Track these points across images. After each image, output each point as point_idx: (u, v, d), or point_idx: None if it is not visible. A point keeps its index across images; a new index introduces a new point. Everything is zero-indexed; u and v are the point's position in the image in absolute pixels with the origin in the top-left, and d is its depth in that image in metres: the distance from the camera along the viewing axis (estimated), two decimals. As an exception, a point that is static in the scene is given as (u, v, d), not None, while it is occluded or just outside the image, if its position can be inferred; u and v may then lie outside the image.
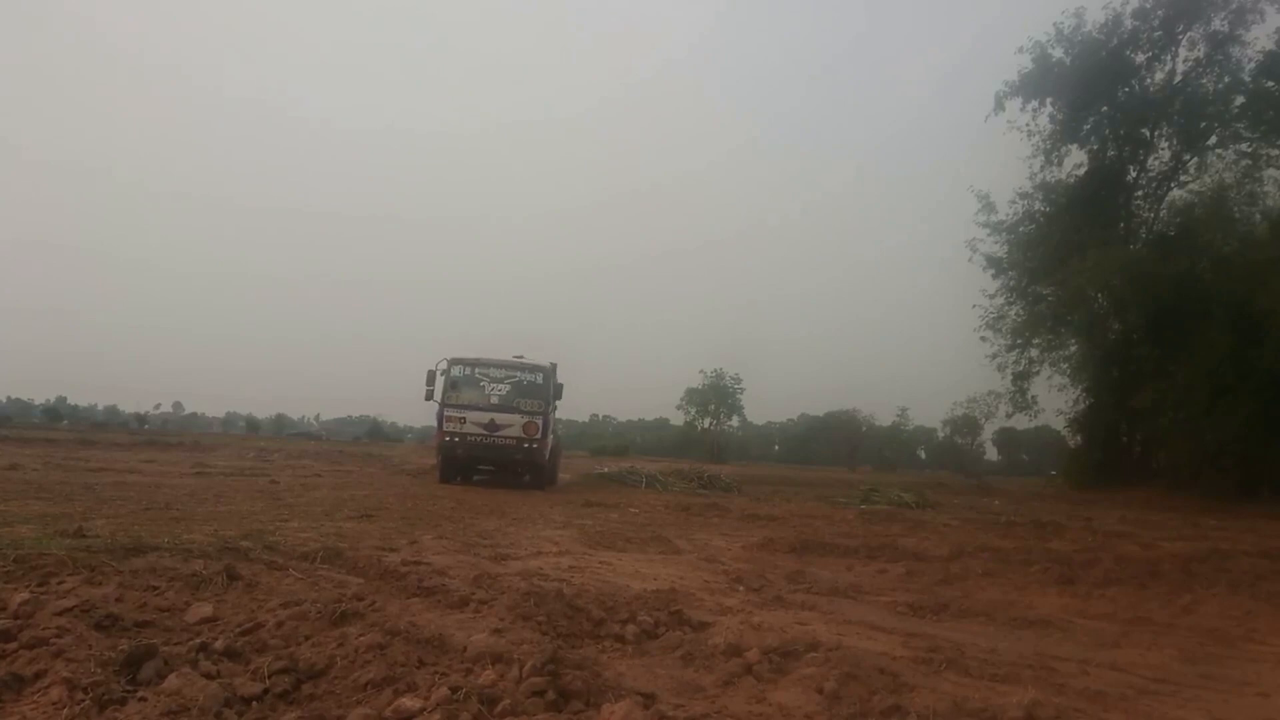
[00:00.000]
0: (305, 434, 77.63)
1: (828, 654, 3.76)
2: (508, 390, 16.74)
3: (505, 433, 16.21)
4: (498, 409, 16.44)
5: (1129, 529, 12.54)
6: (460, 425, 16.20)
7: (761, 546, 8.71)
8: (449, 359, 16.65)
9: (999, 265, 28.92)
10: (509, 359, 17.09)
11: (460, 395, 16.50)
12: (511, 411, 16.43)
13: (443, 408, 16.24)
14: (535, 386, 16.85)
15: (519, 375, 16.89)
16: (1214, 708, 3.79)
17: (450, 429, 16.21)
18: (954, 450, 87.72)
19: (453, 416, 16.21)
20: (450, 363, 16.62)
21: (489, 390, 16.73)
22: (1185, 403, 23.06)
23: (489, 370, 16.88)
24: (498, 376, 16.85)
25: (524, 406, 16.53)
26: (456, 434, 16.19)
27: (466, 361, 16.86)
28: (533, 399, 16.67)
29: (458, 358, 16.76)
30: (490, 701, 2.92)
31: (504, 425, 16.24)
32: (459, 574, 5.61)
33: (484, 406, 16.43)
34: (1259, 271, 20.45)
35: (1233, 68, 25.81)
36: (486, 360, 17.00)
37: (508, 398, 16.66)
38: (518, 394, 16.71)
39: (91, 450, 22.74)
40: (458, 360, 16.76)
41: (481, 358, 17.01)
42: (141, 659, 3.09)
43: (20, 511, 7.84)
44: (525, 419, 16.33)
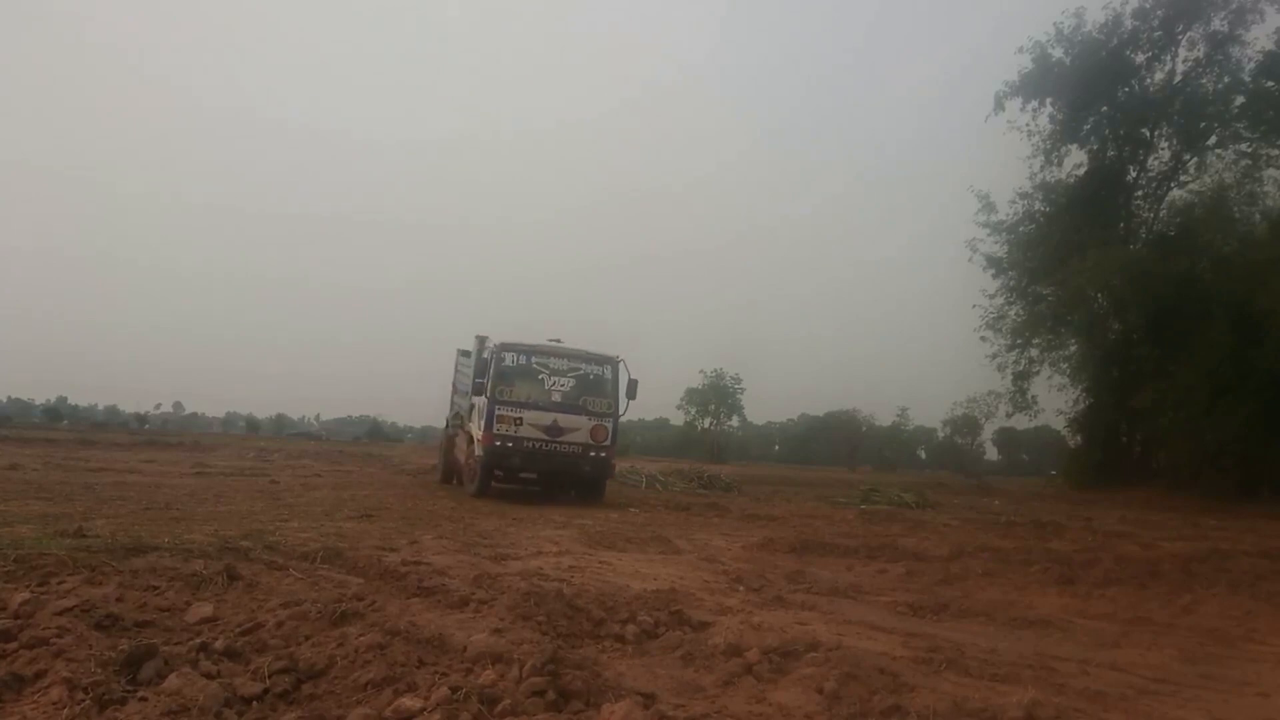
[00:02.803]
0: (305, 434, 77.64)
1: (828, 654, 3.76)
2: (572, 386, 13.83)
3: (569, 438, 13.36)
4: (561, 408, 13.56)
5: (1129, 529, 12.54)
6: (515, 427, 13.15)
7: (761, 546, 8.71)
8: (498, 343, 13.77)
9: (999, 265, 28.92)
10: (573, 347, 14.24)
11: (514, 389, 13.44)
12: (577, 412, 13.56)
13: (492, 404, 13.15)
14: (603, 382, 14.02)
15: (585, 368, 14.02)
16: (1214, 708, 3.79)
17: (502, 431, 13.08)
18: (954, 450, 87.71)
19: (506, 415, 13.12)
20: (500, 348, 13.64)
21: (550, 385, 13.75)
22: (1185, 403, 23.05)
23: (549, 360, 13.87)
24: (560, 368, 13.87)
25: (591, 407, 13.70)
26: (509, 437, 13.10)
27: (521, 348, 13.85)
28: (600, 398, 13.88)
29: (509, 343, 13.81)
30: (490, 701, 2.92)
31: (568, 429, 13.36)
32: (459, 574, 5.61)
33: (545, 405, 13.48)
34: (1259, 271, 20.45)
35: (1233, 68, 25.84)
36: (546, 348, 14.04)
37: (572, 395, 13.76)
38: (583, 391, 13.85)
39: (91, 450, 22.74)
40: (509, 346, 13.76)
41: (540, 344, 14.10)
42: (142, 659, 3.09)
43: (20, 511, 7.85)
44: (593, 422, 13.54)
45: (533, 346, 13.93)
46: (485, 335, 14.82)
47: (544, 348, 13.99)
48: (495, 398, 13.21)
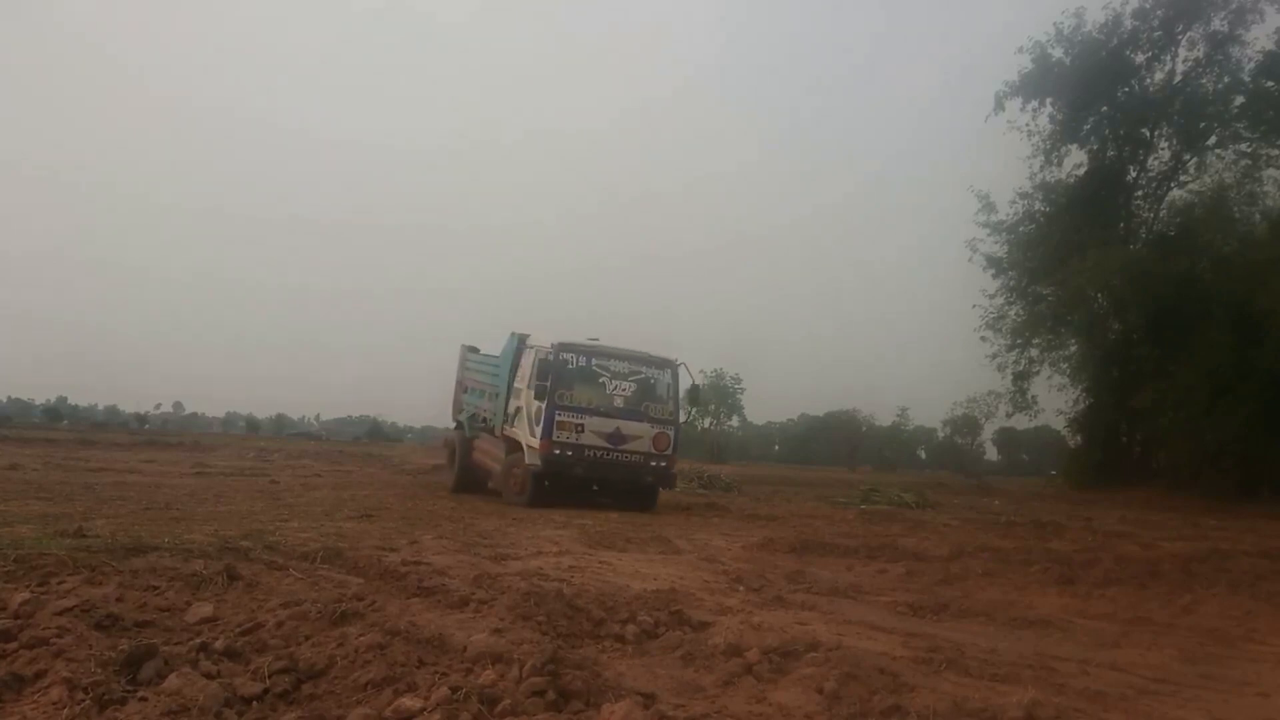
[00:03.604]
0: (305, 434, 77.57)
1: (828, 654, 3.76)
2: (633, 391, 13.12)
3: (631, 446, 12.71)
4: (623, 415, 12.84)
5: (1129, 529, 12.54)
6: (576, 434, 12.40)
7: (761, 546, 8.71)
8: (556, 343, 12.85)
9: (999, 265, 28.91)
10: (632, 349, 13.52)
11: (574, 394, 12.67)
12: (639, 419, 12.88)
13: (552, 409, 12.33)
14: (663, 386, 13.40)
15: (645, 371, 13.31)
16: (1214, 708, 3.79)
17: (562, 438, 12.32)
18: (954, 450, 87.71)
19: (567, 422, 12.36)
20: (559, 349, 12.75)
21: (612, 390, 13.01)
22: (1185, 403, 23.05)
23: (609, 363, 13.09)
24: (621, 371, 13.12)
25: (653, 413, 13.06)
26: (569, 445, 12.33)
27: (579, 349, 12.98)
28: (661, 403, 13.24)
29: (568, 343, 12.93)
30: (490, 701, 2.92)
31: (630, 437, 12.69)
32: (459, 574, 5.61)
33: (607, 411, 12.74)
34: (1259, 271, 20.45)
35: (1233, 68, 25.84)
36: (606, 349, 13.24)
37: (634, 400, 13.06)
38: (644, 396, 13.18)
39: (91, 450, 22.74)
40: (567, 346, 12.88)
41: (600, 345, 13.28)
42: (142, 659, 3.09)
43: (20, 511, 7.85)
44: (656, 430, 12.90)
45: (592, 348, 13.16)
46: (525, 334, 13.98)
47: (604, 349, 13.25)
48: (556, 402, 12.39)
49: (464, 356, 16.49)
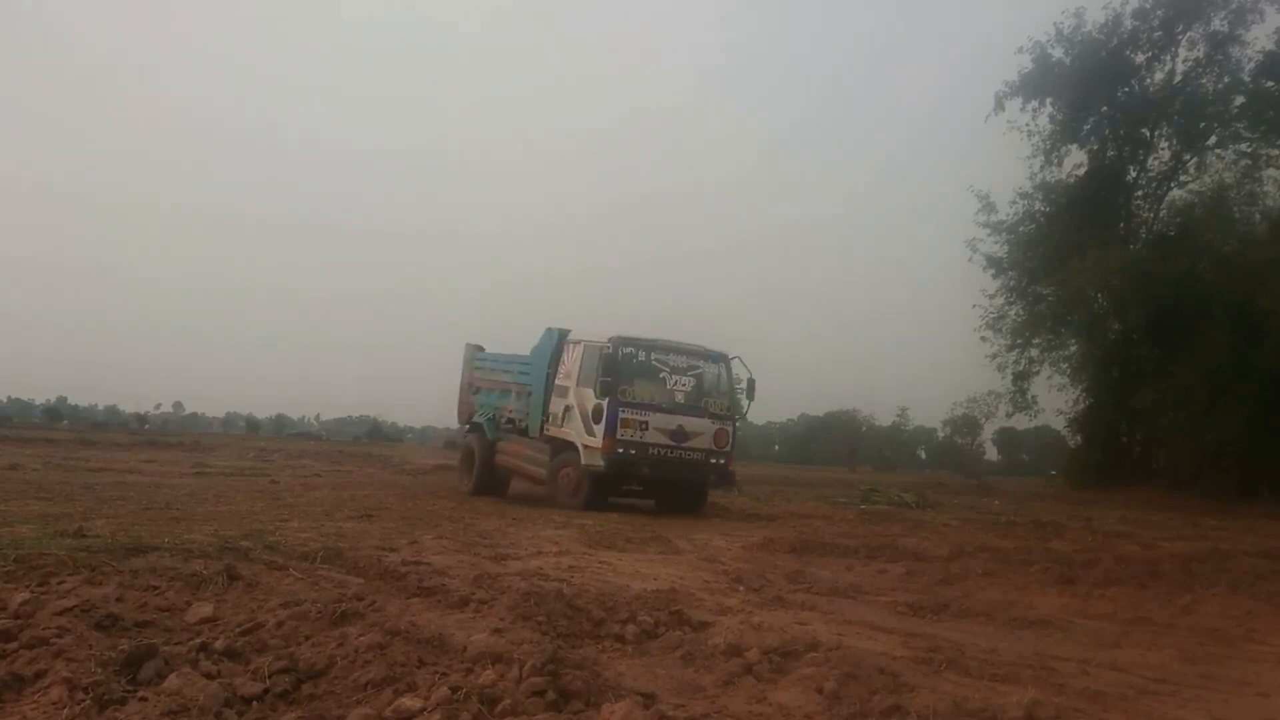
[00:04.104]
0: (305, 434, 77.59)
1: (828, 654, 3.76)
2: (693, 385, 12.75)
3: (694, 444, 12.31)
4: (685, 411, 12.45)
5: (1129, 529, 12.54)
6: (640, 432, 11.93)
7: (761, 546, 8.71)
8: (614, 337, 12.27)
9: (999, 265, 28.90)
10: (687, 343, 13.09)
11: (636, 390, 12.17)
12: (700, 415, 12.52)
13: (615, 406, 11.82)
14: (719, 381, 13.03)
15: (703, 366, 12.95)
16: (1214, 708, 3.79)
17: (627, 436, 11.84)
18: (954, 450, 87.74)
19: (631, 419, 11.87)
20: (615, 343, 12.20)
21: (673, 385, 12.60)
22: (1185, 403, 23.05)
23: (668, 357, 12.69)
24: (680, 366, 12.72)
25: (712, 408, 12.71)
26: (633, 443, 11.85)
27: (639, 343, 12.52)
28: (719, 398, 12.90)
29: (625, 337, 12.40)
30: (490, 701, 2.93)
31: (693, 434, 12.29)
32: (459, 574, 5.61)
33: (670, 407, 12.33)
34: (1259, 271, 20.45)
35: (1233, 68, 25.84)
36: (665, 343, 12.81)
37: (693, 396, 12.70)
38: (703, 391, 12.83)
39: (91, 450, 22.74)
40: (626, 340, 12.36)
41: (658, 339, 12.83)
42: (142, 659, 3.09)
43: (20, 511, 7.85)
44: (716, 426, 12.53)
45: (651, 341, 12.70)
46: (565, 329, 13.44)
47: (661, 343, 12.82)
48: (619, 399, 11.89)
49: (471, 356, 15.84)
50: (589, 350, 12.52)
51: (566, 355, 12.97)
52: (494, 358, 15.45)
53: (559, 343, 13.27)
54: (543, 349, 13.56)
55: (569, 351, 12.96)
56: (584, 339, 12.84)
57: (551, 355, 13.25)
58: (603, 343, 12.29)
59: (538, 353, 13.68)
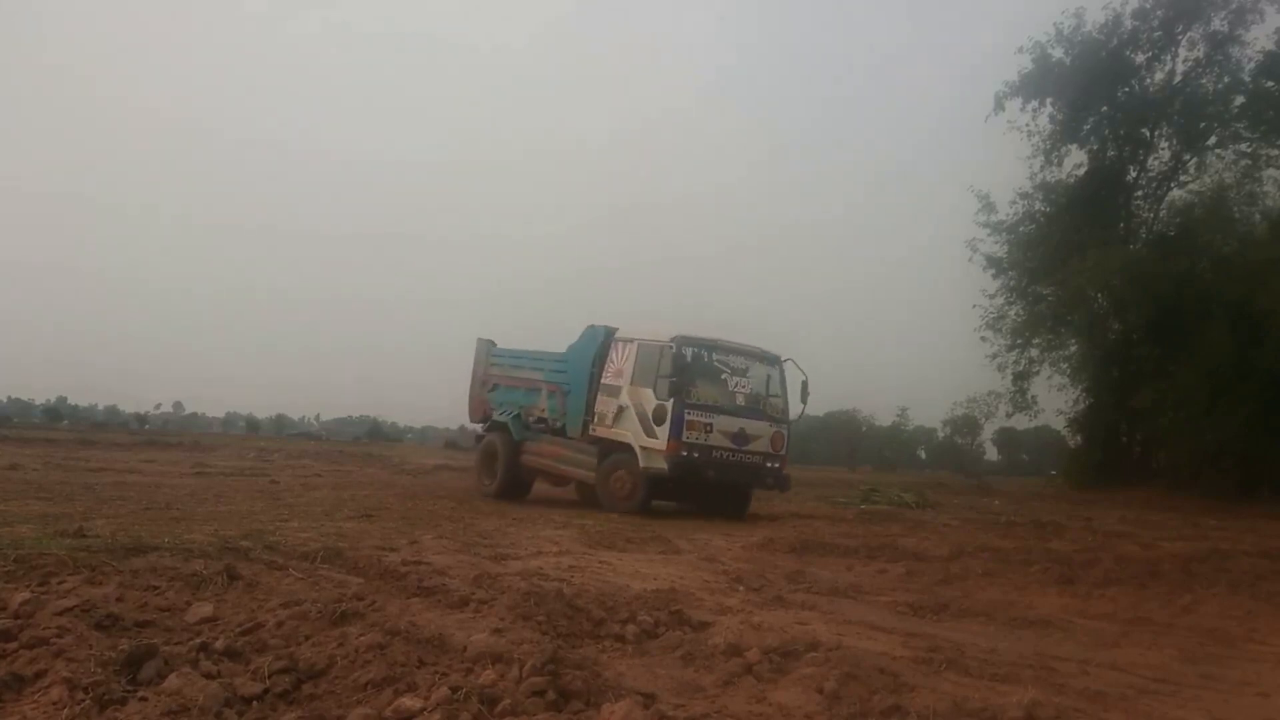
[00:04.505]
0: (305, 434, 77.55)
1: (828, 654, 3.77)
2: (751, 387, 12.59)
3: (753, 446, 12.15)
4: (745, 413, 12.30)
5: (1129, 529, 12.54)
6: (705, 434, 11.71)
7: (761, 546, 8.72)
8: (676, 336, 12.00)
9: (999, 265, 28.90)
10: (742, 343, 12.87)
11: (700, 392, 11.99)
12: (759, 417, 12.37)
13: (680, 407, 11.59)
14: (775, 383, 12.83)
15: (759, 367, 12.76)
16: (1214, 708, 3.79)
17: (692, 439, 11.61)
18: (954, 450, 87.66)
19: (696, 421, 11.66)
20: (678, 343, 11.92)
21: (733, 386, 12.45)
22: (1185, 403, 23.05)
23: (729, 358, 12.53)
24: (739, 367, 12.54)
25: (770, 410, 12.62)
26: (697, 446, 11.63)
27: (701, 343, 12.31)
28: (775, 400, 12.77)
29: (687, 336, 12.15)
30: (490, 701, 2.93)
31: (753, 436, 12.14)
32: (459, 574, 5.61)
33: (731, 409, 12.16)
34: (1259, 271, 20.45)
35: (1233, 68, 25.83)
36: (726, 343, 12.63)
37: (752, 398, 12.59)
38: (761, 393, 12.70)
39: (91, 450, 22.73)
40: (688, 340, 12.10)
41: (719, 339, 12.65)
42: (142, 659, 3.09)
43: (20, 511, 7.85)
44: (774, 429, 12.43)
45: (713, 341, 12.51)
46: (610, 327, 13.10)
47: (723, 343, 12.61)
48: (686, 401, 11.67)
49: (485, 352, 15.19)
50: (646, 349, 12.25)
51: (615, 354, 12.66)
52: (515, 354, 14.90)
53: (604, 341, 12.93)
54: (583, 347, 13.22)
55: (618, 350, 12.65)
56: (637, 337, 12.52)
57: (595, 353, 12.92)
58: (664, 342, 12.02)
59: (577, 350, 13.35)
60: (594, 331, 13.17)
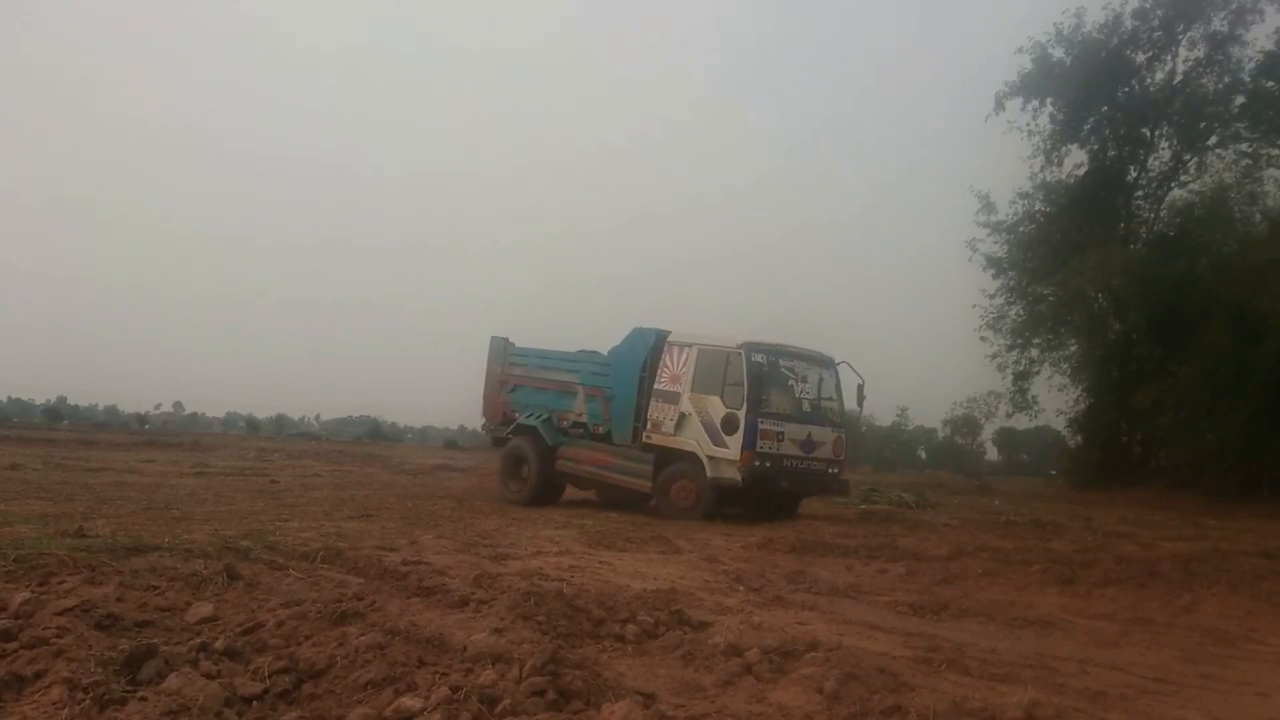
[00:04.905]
0: (305, 434, 77.50)
1: (828, 654, 3.77)
2: (814, 392, 12.52)
3: (818, 453, 12.04)
4: (811, 420, 12.15)
5: (1129, 529, 12.54)
6: (777, 444, 11.50)
7: (761, 546, 8.71)
8: (744, 343, 11.72)
9: (999, 265, 28.87)
10: (800, 347, 12.62)
11: (771, 400, 11.79)
12: (823, 423, 12.24)
13: (754, 416, 11.33)
14: (832, 387, 12.68)
15: (818, 370, 12.60)
16: (1214, 708, 3.80)
17: (765, 448, 11.38)
18: (954, 450, 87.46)
19: (769, 430, 11.41)
20: (747, 349, 11.64)
21: (799, 392, 12.35)
22: (1185, 403, 23.03)
23: (794, 364, 12.36)
24: (801, 372, 12.40)
25: (831, 416, 12.51)
26: (769, 455, 11.42)
27: (768, 349, 12.05)
28: (834, 405, 12.64)
29: (756, 343, 11.88)
30: (490, 701, 2.93)
31: (818, 443, 12.01)
32: (459, 574, 5.61)
33: (799, 416, 12.02)
34: (1259, 271, 20.42)
35: (1233, 68, 25.79)
36: (791, 349, 12.42)
37: (815, 404, 12.49)
38: (822, 398, 12.58)
39: (91, 450, 22.73)
40: (757, 346, 11.84)
41: (784, 344, 12.41)
42: (142, 659, 3.09)
43: (20, 511, 7.85)
44: (835, 434, 12.33)
45: (779, 347, 12.24)
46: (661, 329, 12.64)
47: (788, 349, 12.36)
48: (760, 410, 11.40)
49: (502, 351, 14.40)
50: (709, 355, 11.88)
51: (670, 358, 12.21)
52: (541, 354, 14.17)
53: (655, 344, 12.46)
54: (630, 350, 12.74)
55: (673, 354, 12.20)
56: (696, 342, 12.13)
57: (645, 357, 12.48)
58: (731, 348, 11.70)
59: (621, 354, 12.90)
60: (642, 334, 12.69)
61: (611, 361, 13.03)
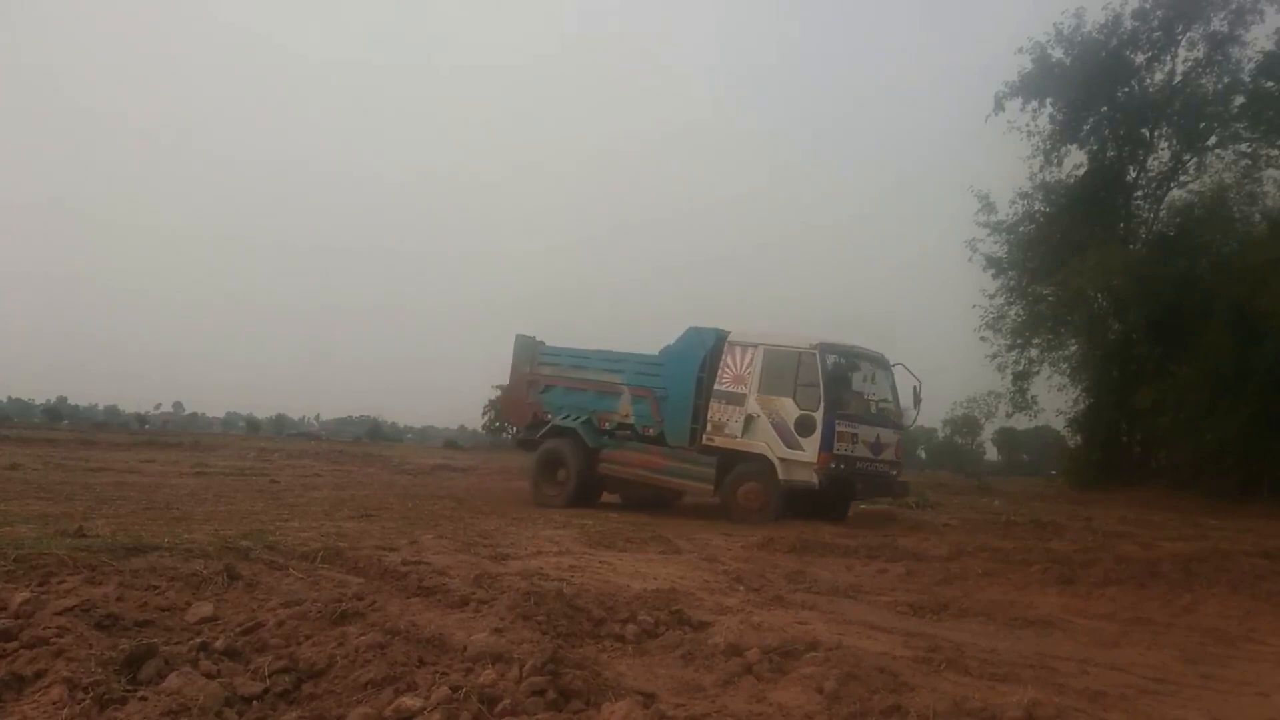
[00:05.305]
0: (305, 434, 77.47)
1: (828, 654, 3.77)
2: (879, 394, 12.52)
3: (884, 455, 12.08)
4: (879, 421, 12.17)
5: (1129, 529, 12.54)
6: (851, 446, 11.49)
7: (761, 546, 8.71)
8: (818, 344, 11.58)
9: (999, 265, 28.87)
10: (863, 347, 12.55)
11: (844, 401, 11.72)
12: (887, 425, 12.28)
13: (832, 418, 11.22)
14: (887, 387, 12.65)
15: (881, 372, 12.60)
16: (1214, 708, 3.80)
17: (841, 450, 11.33)
18: (954, 450, 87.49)
19: (845, 432, 11.36)
20: (821, 350, 11.53)
21: (868, 394, 12.38)
22: (1185, 403, 23.03)
23: (861, 365, 12.36)
24: (869, 373, 12.44)
25: (893, 417, 12.52)
26: (844, 458, 11.37)
27: (841, 350, 12.01)
28: (894, 406, 12.63)
29: (829, 343, 11.77)
30: (490, 701, 2.93)
31: (885, 445, 12.08)
32: (459, 574, 5.61)
33: (868, 418, 12.03)
34: (1259, 271, 20.43)
35: (1232, 68, 25.80)
36: (861, 350, 12.38)
37: (881, 405, 12.50)
38: (885, 400, 12.58)
39: (91, 450, 22.72)
40: (831, 347, 11.75)
41: (855, 345, 12.35)
42: (142, 658, 3.09)
43: (21, 511, 7.85)
44: (897, 436, 12.45)
45: (850, 348, 12.15)
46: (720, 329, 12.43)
47: (860, 350, 12.30)
48: (837, 411, 11.33)
49: (531, 350, 13.95)
50: (777, 355, 11.72)
51: (732, 359, 12.00)
52: (578, 354, 13.78)
53: (714, 345, 12.25)
54: (685, 350, 12.51)
55: (735, 355, 11.99)
56: (762, 342, 11.95)
57: (703, 357, 12.27)
58: (804, 349, 11.56)
59: (676, 354, 12.63)
60: (699, 334, 12.49)
61: (663, 361, 12.75)
